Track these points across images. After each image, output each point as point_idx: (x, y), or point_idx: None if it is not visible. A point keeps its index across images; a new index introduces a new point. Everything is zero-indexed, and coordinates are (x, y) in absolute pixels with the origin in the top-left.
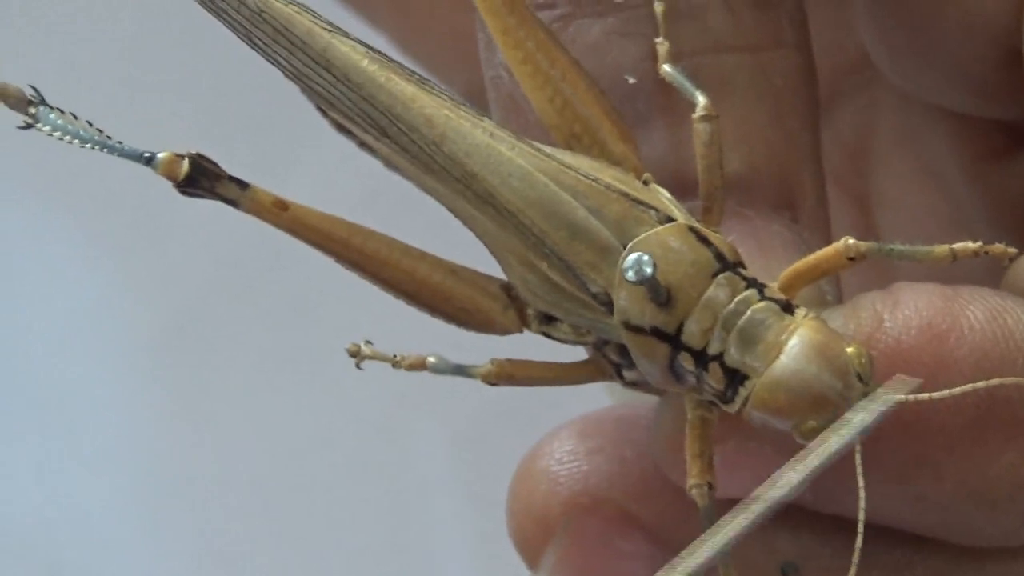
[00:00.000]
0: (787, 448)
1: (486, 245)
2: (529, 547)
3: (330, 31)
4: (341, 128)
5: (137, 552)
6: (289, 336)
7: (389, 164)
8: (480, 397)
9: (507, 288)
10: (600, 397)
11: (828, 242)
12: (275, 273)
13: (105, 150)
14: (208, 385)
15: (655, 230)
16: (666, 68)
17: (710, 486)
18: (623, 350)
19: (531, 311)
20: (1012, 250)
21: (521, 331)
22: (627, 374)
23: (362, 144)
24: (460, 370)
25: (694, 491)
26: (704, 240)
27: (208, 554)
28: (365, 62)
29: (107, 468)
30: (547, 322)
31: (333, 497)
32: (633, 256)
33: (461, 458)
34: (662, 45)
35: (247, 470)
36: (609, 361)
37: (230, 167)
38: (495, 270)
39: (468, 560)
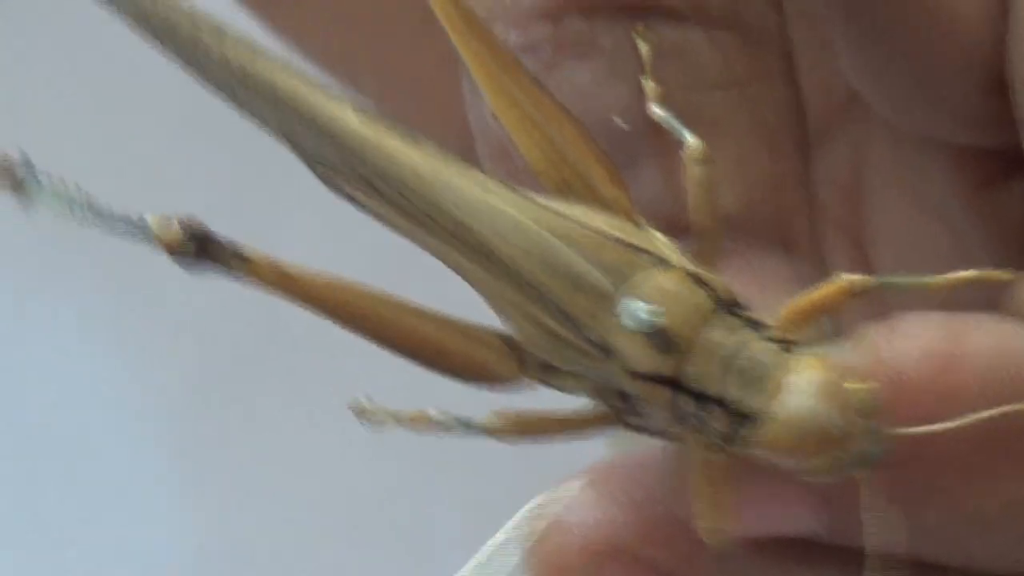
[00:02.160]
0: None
1: (482, 296)
2: None
3: (314, 86)
4: (330, 183)
5: None
6: (301, 398)
7: (380, 218)
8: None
9: (505, 338)
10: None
11: (823, 279)
12: (280, 337)
13: (102, 224)
14: (218, 454)
15: (651, 275)
16: (655, 109)
17: (722, 529)
18: (625, 395)
19: (530, 360)
20: (1009, 275)
21: (520, 380)
22: (631, 419)
23: (352, 199)
24: (464, 424)
25: (705, 535)
26: (700, 282)
27: None
28: (350, 116)
29: (126, 541)
30: (546, 371)
31: (347, 560)
32: (630, 303)
33: (476, 520)
34: (649, 85)
35: (261, 543)
36: (612, 407)
37: (223, 227)
38: (492, 321)
39: None
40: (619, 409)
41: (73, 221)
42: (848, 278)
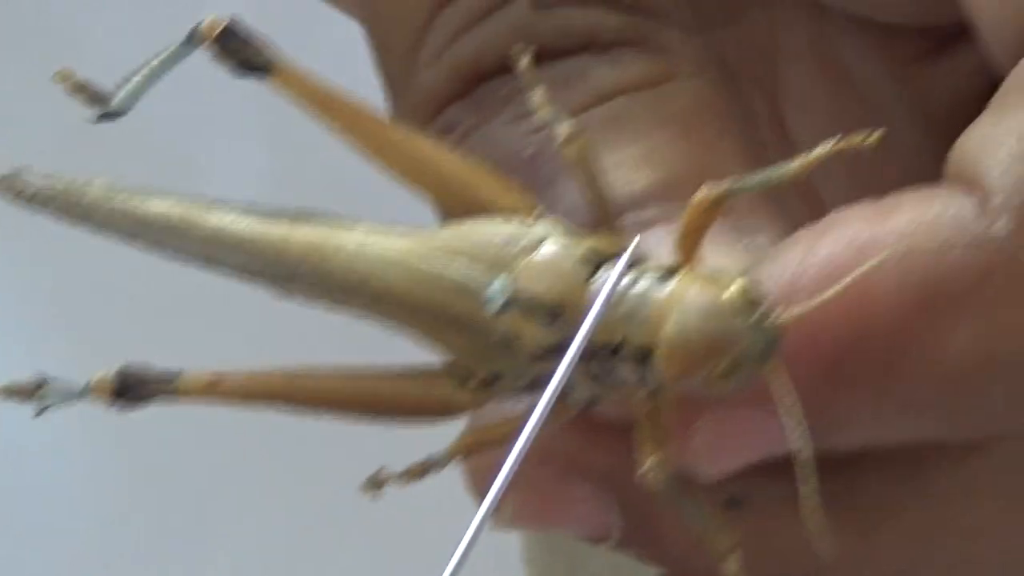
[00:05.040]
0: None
1: (412, 337)
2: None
3: (196, 205)
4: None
5: None
6: None
7: (311, 302)
8: None
9: (450, 368)
10: None
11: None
12: None
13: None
14: None
15: (525, 260)
16: (540, 113)
17: (661, 462)
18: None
19: (473, 380)
20: (874, 135)
21: (475, 403)
22: (571, 399)
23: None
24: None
25: (649, 475)
26: (575, 244)
27: None
28: (235, 220)
29: None
30: (489, 385)
31: None
32: (492, 286)
33: None
34: (534, 95)
35: None
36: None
37: None
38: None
39: None
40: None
41: None
42: (703, 191)
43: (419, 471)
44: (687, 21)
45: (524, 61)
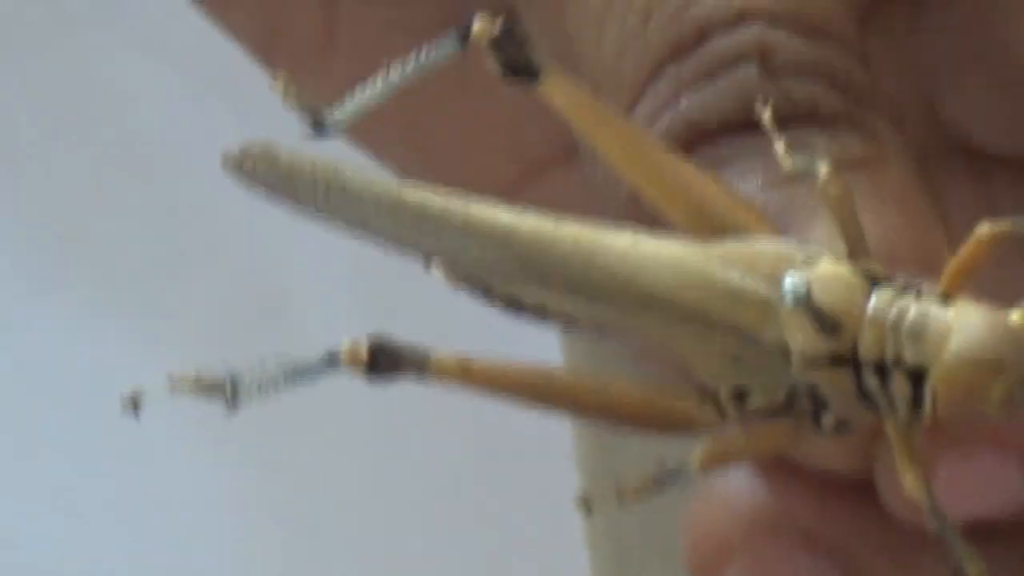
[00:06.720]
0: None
1: (665, 351)
2: (706, 570)
3: (452, 196)
4: (511, 304)
5: None
6: None
7: (555, 316)
8: None
9: (696, 386)
10: None
11: None
12: None
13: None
14: None
15: (802, 269)
16: (786, 162)
17: (921, 480)
18: (814, 395)
19: (723, 396)
20: None
21: (718, 421)
22: (825, 419)
23: (537, 312)
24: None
25: (913, 492)
26: (852, 264)
27: None
28: (500, 213)
29: None
30: (739, 400)
31: None
32: (788, 280)
33: None
34: (777, 145)
35: None
36: (804, 413)
37: None
38: None
39: None
40: (811, 412)
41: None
42: (988, 226)
43: (654, 485)
44: (892, 112)
45: (766, 114)
